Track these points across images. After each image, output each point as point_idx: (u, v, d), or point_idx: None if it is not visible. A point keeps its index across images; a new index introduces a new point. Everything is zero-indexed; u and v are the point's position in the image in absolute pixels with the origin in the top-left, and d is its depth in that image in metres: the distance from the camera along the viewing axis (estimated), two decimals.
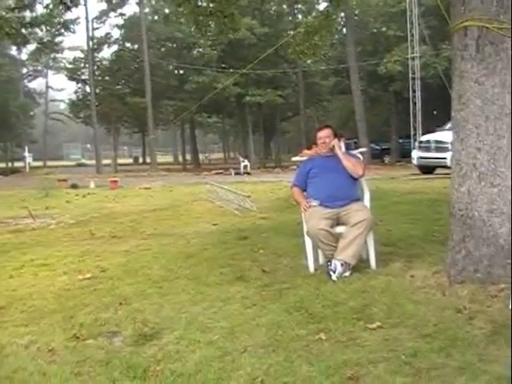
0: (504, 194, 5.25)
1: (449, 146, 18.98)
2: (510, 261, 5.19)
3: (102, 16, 56.43)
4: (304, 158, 7.40)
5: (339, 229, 6.36)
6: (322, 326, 4.53)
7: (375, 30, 49.15)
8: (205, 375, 3.77)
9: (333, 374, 3.67)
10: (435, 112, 44.50)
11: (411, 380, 3.55)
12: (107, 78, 56.20)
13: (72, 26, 49.56)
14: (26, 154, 56.59)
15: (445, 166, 20.48)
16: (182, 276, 6.58)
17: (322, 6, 36.66)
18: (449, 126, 19.65)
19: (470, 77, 5.37)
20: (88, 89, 54.49)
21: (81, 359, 4.14)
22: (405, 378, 3.57)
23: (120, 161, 63.45)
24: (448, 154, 18.21)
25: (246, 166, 37.54)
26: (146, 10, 52.78)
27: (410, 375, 3.60)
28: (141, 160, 76.27)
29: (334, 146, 6.87)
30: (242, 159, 39.50)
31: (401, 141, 46.91)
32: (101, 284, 6.40)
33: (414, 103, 38.23)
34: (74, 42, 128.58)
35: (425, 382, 3.53)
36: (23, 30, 32.91)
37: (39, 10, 41.36)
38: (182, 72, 53.01)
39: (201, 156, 73.24)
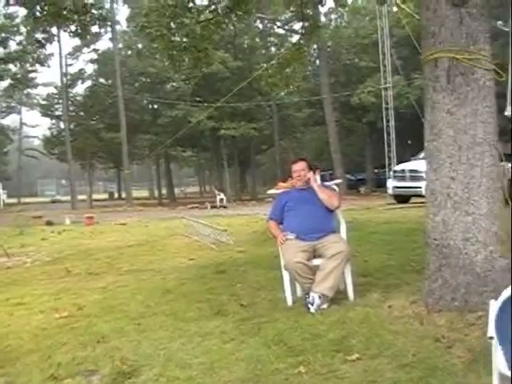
0: (478, 222, 5.31)
1: (423, 174, 18.99)
2: (486, 288, 5.24)
3: (76, 52, 56.47)
4: (279, 191, 7.42)
5: (316, 261, 6.37)
6: (302, 359, 4.52)
7: (348, 62, 49.63)
8: None
9: None
10: (409, 141, 44.83)
11: None
12: (81, 113, 56.16)
13: (46, 62, 49.64)
14: (0, 191, 56.06)
15: (420, 195, 20.59)
16: (160, 312, 6.54)
17: (295, 38, 36.92)
18: (423, 155, 19.81)
19: (441, 107, 5.45)
20: (62, 125, 54.36)
21: None
22: None
23: (95, 196, 63.15)
24: (423, 183, 18.17)
25: (221, 200, 37.46)
26: (120, 45, 52.78)
27: None
28: (116, 195, 75.89)
29: (309, 179, 6.91)
30: (217, 193, 39.41)
31: (376, 171, 47.26)
32: (78, 322, 6.34)
33: (388, 133, 38.45)
34: (47, 78, 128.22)
35: None
36: None
37: (12, 46, 41.49)
38: (156, 106, 53.07)
39: (176, 190, 73.11)
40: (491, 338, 2.82)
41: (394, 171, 27.40)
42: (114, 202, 57.39)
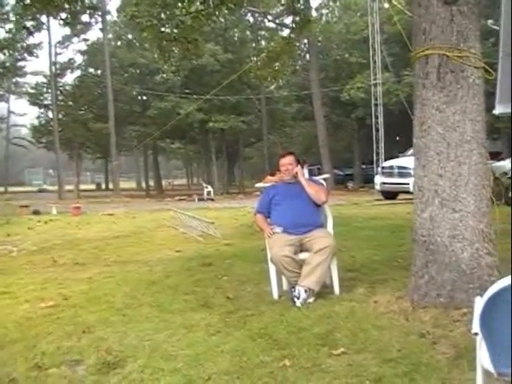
0: (465, 220, 5.32)
1: (411, 171, 19.10)
2: (471, 285, 5.26)
3: (65, 41, 56.04)
4: (267, 185, 7.42)
5: (303, 255, 6.38)
6: (287, 353, 4.53)
7: (338, 57, 49.56)
8: None
9: None
10: (398, 138, 44.91)
11: None
12: (70, 103, 55.75)
13: (35, 51, 49.39)
14: None
15: (407, 192, 20.67)
16: (146, 303, 6.54)
17: (286, 32, 36.87)
18: (411, 151, 19.86)
19: (431, 104, 5.47)
20: (50, 114, 53.91)
21: None
22: None
23: (82, 187, 62.91)
24: (411, 180, 18.34)
25: (209, 192, 37.36)
26: (109, 35, 52.53)
27: None
28: (103, 186, 75.73)
29: (297, 173, 6.91)
30: (205, 185, 39.33)
31: (364, 166, 47.25)
32: (63, 312, 6.33)
33: (377, 129, 38.44)
34: (36, 67, 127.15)
35: None
36: None
37: (1, 34, 41.18)
38: (145, 98, 52.82)
39: (164, 182, 72.93)
40: (476, 334, 2.83)
41: (382, 167, 27.45)
42: (102, 193, 57.29)
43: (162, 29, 11.60)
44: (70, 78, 70.47)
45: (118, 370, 4.39)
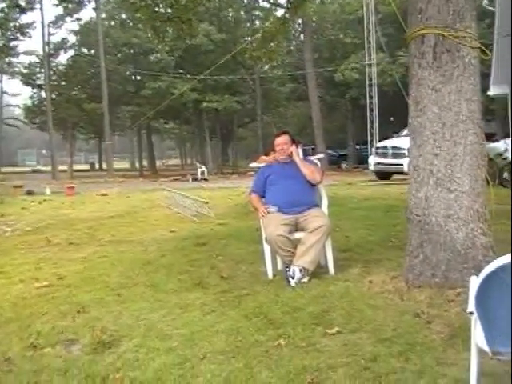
0: (460, 200, 5.33)
1: (405, 152, 19.19)
2: (466, 265, 5.28)
3: (59, 21, 55.66)
4: (262, 165, 7.40)
5: (297, 235, 6.38)
6: (282, 332, 4.53)
7: (332, 37, 49.32)
8: (164, 383, 3.75)
9: (292, 379, 3.68)
10: (392, 118, 44.86)
11: None
12: (63, 83, 55.47)
13: (28, 31, 49.07)
14: None
15: (401, 172, 20.69)
16: (140, 283, 6.54)
17: (280, 12, 36.69)
18: (405, 132, 19.85)
19: (426, 84, 5.45)
20: (44, 94, 53.66)
21: (38, 368, 4.07)
22: (364, 382, 3.59)
23: (76, 167, 62.74)
24: (405, 160, 18.40)
25: (203, 172, 37.32)
26: (103, 15, 52.20)
27: (369, 380, 3.62)
28: (97, 166, 75.48)
29: (292, 153, 6.90)
30: (199, 165, 39.29)
31: (358, 147, 47.23)
32: (58, 292, 6.31)
33: (371, 110, 38.36)
34: (29, 47, 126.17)
35: None
36: None
37: None
38: (138, 78, 52.66)
39: (158, 162, 72.76)
40: (471, 313, 2.84)
41: (377, 148, 27.47)
42: (95, 173, 57.14)
43: (156, 9, 11.53)
44: (63, 57, 70.26)
45: (113, 350, 4.39)
